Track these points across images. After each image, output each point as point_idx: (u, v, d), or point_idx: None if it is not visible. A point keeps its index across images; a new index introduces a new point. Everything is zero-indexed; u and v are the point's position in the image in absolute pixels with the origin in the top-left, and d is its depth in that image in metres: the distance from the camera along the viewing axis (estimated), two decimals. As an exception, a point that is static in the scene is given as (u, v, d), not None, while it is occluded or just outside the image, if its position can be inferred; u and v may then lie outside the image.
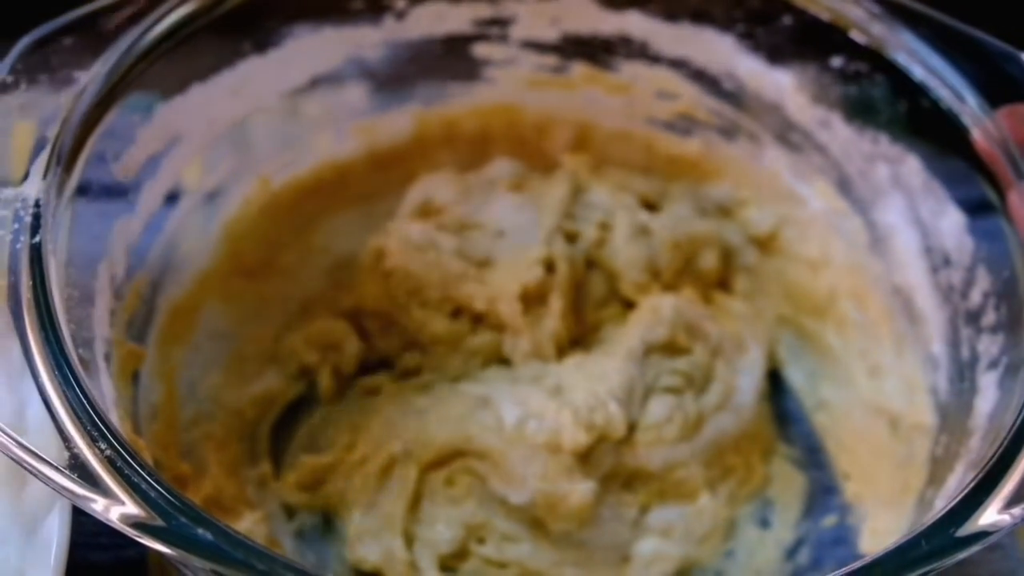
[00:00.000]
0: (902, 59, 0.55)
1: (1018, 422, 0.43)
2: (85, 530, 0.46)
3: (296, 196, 0.65)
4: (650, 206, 0.65)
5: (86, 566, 0.51)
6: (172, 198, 0.58)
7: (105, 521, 0.38)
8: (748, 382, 0.61)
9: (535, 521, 0.55)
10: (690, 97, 0.64)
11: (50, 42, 0.51)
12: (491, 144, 0.68)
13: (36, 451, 0.39)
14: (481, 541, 0.55)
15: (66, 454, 0.39)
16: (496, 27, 0.64)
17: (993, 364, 0.50)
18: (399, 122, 0.66)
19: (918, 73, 0.54)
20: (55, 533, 0.45)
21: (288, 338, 0.62)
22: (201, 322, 0.60)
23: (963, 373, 0.53)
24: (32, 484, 0.46)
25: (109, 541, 0.53)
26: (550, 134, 0.68)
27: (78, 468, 0.39)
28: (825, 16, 0.57)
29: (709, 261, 0.64)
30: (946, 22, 0.55)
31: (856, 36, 0.56)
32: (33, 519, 0.46)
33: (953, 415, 0.53)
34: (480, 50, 0.64)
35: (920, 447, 0.55)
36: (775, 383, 0.64)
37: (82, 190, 0.49)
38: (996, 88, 0.53)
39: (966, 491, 0.41)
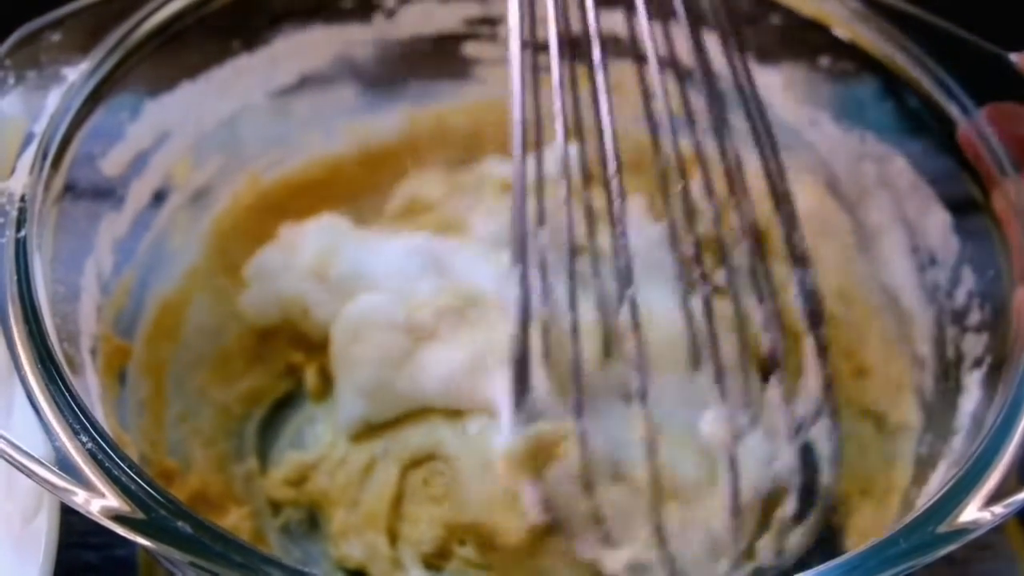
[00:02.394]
0: (889, 59, 0.55)
1: (999, 420, 0.43)
2: (75, 529, 0.46)
3: (285, 194, 0.65)
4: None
5: (76, 565, 0.51)
6: (160, 195, 0.58)
7: (86, 514, 0.38)
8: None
9: None
10: (679, 96, 0.64)
11: (39, 38, 0.51)
12: (482, 142, 0.67)
13: (18, 444, 0.39)
14: (462, 543, 0.55)
15: (51, 451, 0.39)
16: (486, 26, 0.64)
17: (977, 363, 0.50)
18: (389, 121, 0.66)
19: (905, 73, 0.55)
20: (44, 532, 0.45)
21: (275, 336, 0.62)
22: (189, 319, 0.60)
23: (948, 372, 0.53)
24: (21, 484, 0.46)
25: (99, 540, 0.53)
26: (540, 132, 0.68)
27: (60, 461, 0.39)
28: (813, 16, 0.57)
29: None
30: (933, 22, 0.55)
31: (843, 35, 0.56)
32: (22, 518, 0.46)
33: (938, 415, 0.53)
34: (470, 49, 0.64)
35: (905, 446, 0.55)
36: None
37: (69, 186, 0.50)
38: (983, 88, 0.53)
39: (947, 488, 0.41)
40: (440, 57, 0.64)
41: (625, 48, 0.62)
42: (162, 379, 0.58)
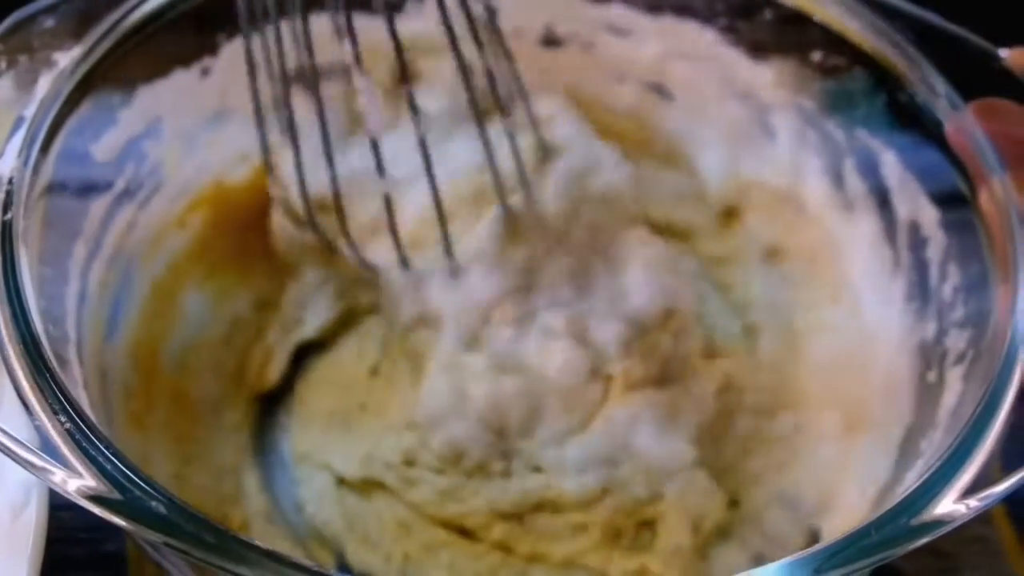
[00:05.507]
0: (880, 53, 0.55)
1: (977, 414, 0.43)
2: (64, 524, 0.46)
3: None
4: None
5: (64, 560, 0.51)
6: (152, 181, 0.58)
7: (63, 493, 0.38)
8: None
9: None
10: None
11: (31, 23, 0.51)
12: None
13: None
14: None
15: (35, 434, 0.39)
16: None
17: (960, 358, 0.50)
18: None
19: (895, 68, 0.55)
20: (32, 527, 0.45)
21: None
22: (180, 304, 0.60)
23: (932, 368, 0.53)
24: (9, 478, 0.46)
25: (87, 535, 0.53)
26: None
27: (42, 443, 0.39)
28: (804, 11, 0.57)
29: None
30: (923, 18, 0.55)
31: (834, 30, 0.56)
32: (10, 513, 0.46)
33: (920, 410, 0.53)
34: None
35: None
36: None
37: (58, 171, 0.50)
38: (972, 84, 0.53)
39: (922, 481, 0.41)
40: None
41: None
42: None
